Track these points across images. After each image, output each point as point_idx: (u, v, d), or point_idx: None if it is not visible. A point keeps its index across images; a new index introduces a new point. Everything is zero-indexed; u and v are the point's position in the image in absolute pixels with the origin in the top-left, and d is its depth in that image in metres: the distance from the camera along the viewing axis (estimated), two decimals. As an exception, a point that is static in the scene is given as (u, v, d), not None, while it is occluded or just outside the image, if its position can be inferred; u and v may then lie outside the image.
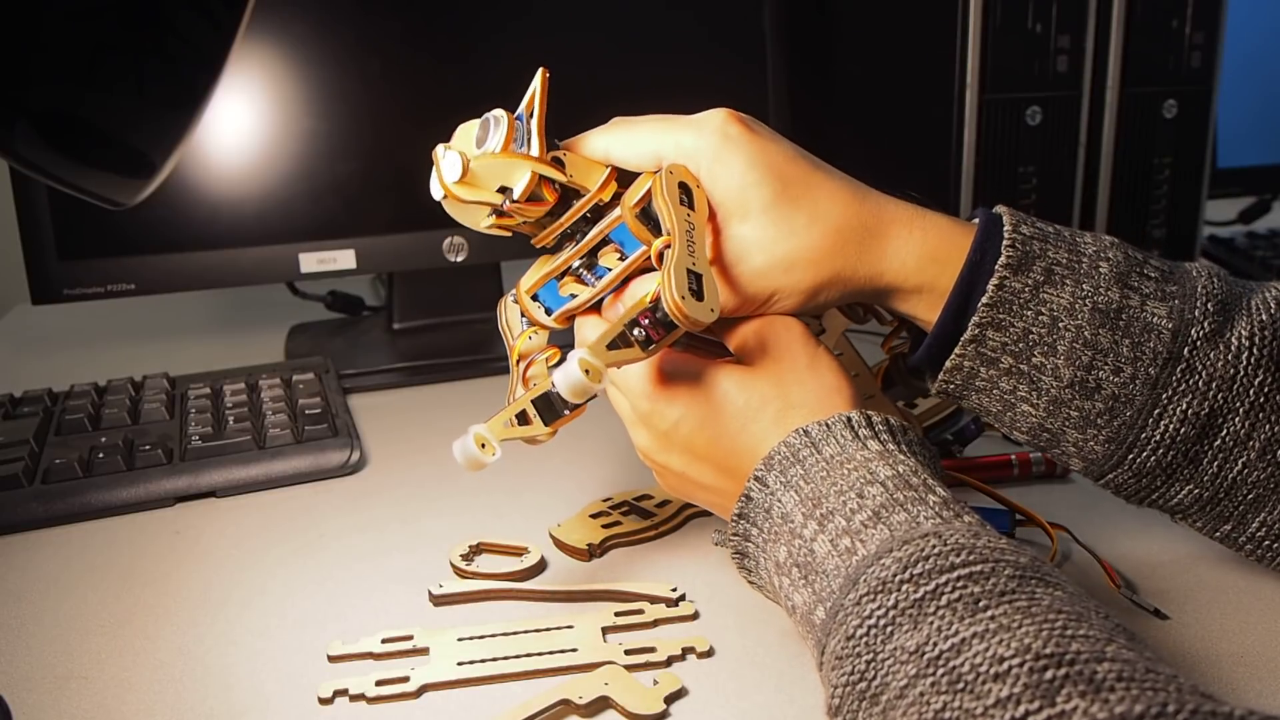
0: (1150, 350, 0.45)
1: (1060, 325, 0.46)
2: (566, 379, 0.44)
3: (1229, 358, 0.45)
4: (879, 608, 0.36)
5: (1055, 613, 0.34)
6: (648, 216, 0.47)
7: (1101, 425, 0.47)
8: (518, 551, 0.58)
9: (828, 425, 0.44)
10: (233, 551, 0.60)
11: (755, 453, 0.46)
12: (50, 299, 0.82)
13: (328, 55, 0.84)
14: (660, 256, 0.46)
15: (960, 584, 0.35)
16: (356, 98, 0.85)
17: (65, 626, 0.53)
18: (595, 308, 0.52)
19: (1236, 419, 0.45)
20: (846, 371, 0.48)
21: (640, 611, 0.52)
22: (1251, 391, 0.45)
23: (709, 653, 0.49)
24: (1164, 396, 0.45)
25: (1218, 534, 0.49)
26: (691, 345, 0.52)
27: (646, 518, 0.61)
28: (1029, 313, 0.46)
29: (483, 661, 0.48)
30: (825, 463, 0.43)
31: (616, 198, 0.50)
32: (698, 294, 0.44)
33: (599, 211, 0.50)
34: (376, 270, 0.92)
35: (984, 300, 0.46)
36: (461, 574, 0.56)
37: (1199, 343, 0.45)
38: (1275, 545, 0.48)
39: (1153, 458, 0.46)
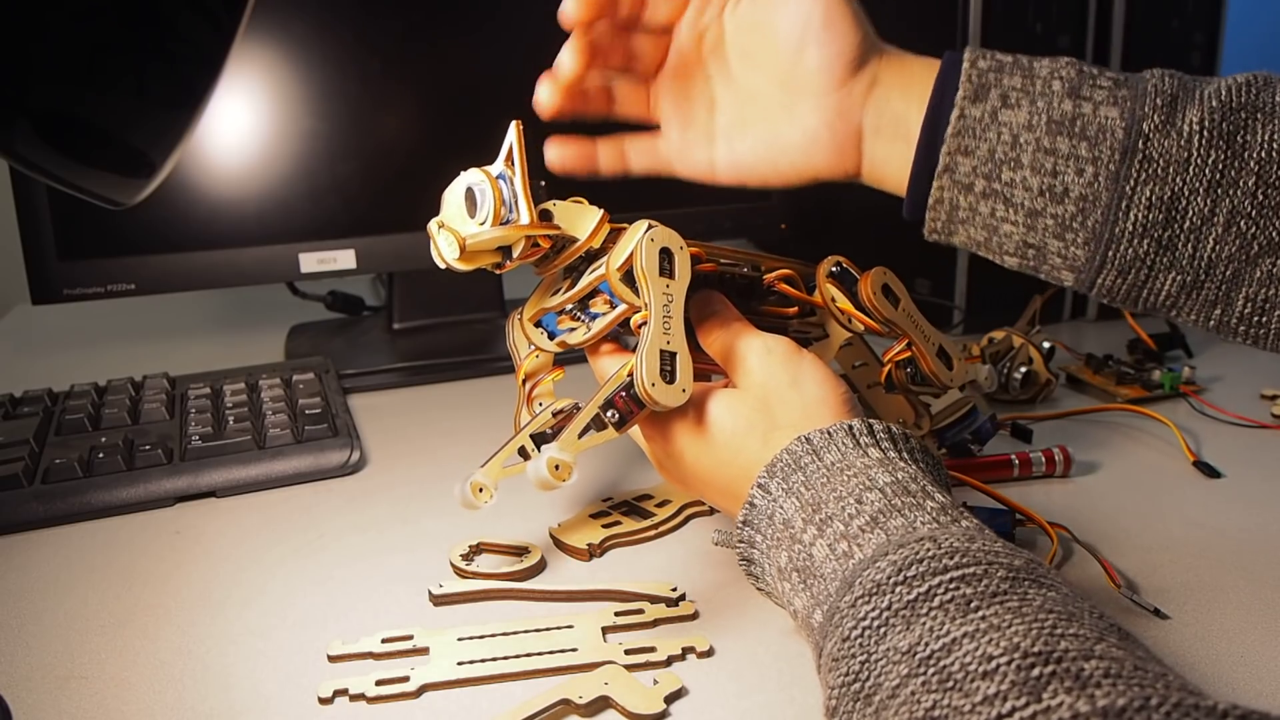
0: (1107, 148, 0.49)
1: (1021, 140, 0.50)
2: (537, 476, 0.47)
3: (1181, 142, 0.48)
4: (873, 609, 0.36)
5: (1046, 612, 0.34)
6: (631, 279, 0.48)
7: (1077, 228, 0.50)
8: (518, 551, 0.58)
9: (829, 433, 0.45)
10: (233, 551, 0.60)
11: (750, 474, 0.46)
12: (50, 299, 0.82)
13: (328, 55, 0.84)
14: (640, 328, 0.48)
15: (953, 585, 0.35)
16: (356, 98, 0.85)
17: (65, 626, 0.53)
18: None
19: (1198, 198, 0.48)
20: (836, 377, 0.49)
21: (640, 611, 0.52)
22: (1207, 170, 0.47)
23: (709, 653, 0.49)
24: (1127, 188, 0.48)
25: (1212, 321, 0.51)
26: None
27: (646, 518, 0.61)
28: (990, 134, 0.50)
29: (483, 661, 0.48)
30: (826, 469, 0.43)
31: (612, 236, 0.50)
32: (670, 374, 0.47)
33: (592, 254, 0.51)
34: (376, 270, 0.92)
35: (948, 131, 0.51)
36: (461, 574, 0.56)
37: (1151, 134, 0.48)
38: (1263, 320, 0.49)
39: (1130, 250, 0.49)
